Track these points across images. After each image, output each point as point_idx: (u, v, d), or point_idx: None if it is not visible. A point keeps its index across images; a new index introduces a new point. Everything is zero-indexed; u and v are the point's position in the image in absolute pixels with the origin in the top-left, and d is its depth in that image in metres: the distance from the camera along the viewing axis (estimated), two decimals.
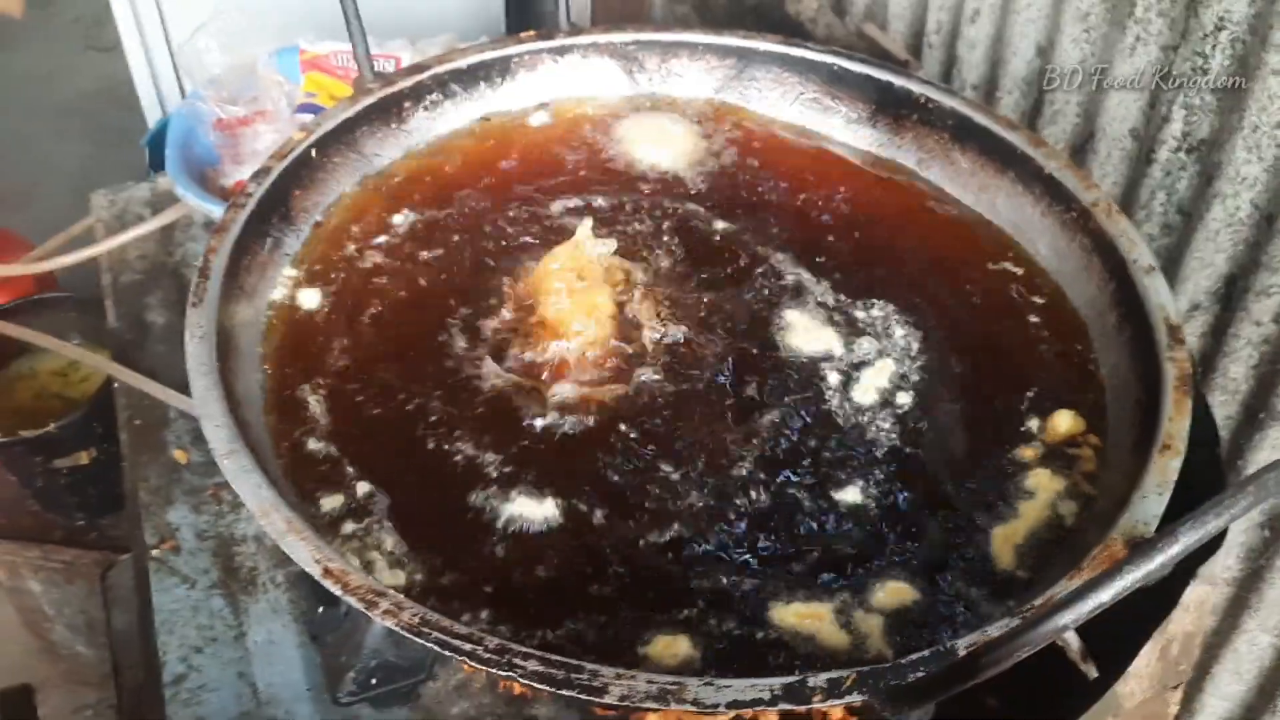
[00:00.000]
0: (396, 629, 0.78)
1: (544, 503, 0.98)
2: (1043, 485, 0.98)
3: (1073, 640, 0.88)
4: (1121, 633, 0.94)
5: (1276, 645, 1.50)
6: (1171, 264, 1.44)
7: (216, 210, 1.51)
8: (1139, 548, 0.62)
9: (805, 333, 1.15)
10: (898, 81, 1.31)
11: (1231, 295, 1.39)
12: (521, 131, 1.39)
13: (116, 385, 1.49)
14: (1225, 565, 1.49)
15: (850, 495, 1.01)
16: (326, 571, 0.82)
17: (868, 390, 1.10)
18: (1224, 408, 1.43)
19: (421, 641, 0.77)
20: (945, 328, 1.17)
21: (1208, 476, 1.04)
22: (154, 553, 1.29)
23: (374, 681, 1.13)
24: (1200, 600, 0.96)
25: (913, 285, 1.21)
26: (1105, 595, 0.62)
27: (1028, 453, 1.03)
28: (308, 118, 1.32)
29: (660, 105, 1.42)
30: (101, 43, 4.14)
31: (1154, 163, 1.42)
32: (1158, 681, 0.97)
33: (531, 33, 1.37)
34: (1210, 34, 1.30)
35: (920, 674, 0.74)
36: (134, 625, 1.33)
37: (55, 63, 4.22)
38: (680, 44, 1.38)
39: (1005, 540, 0.97)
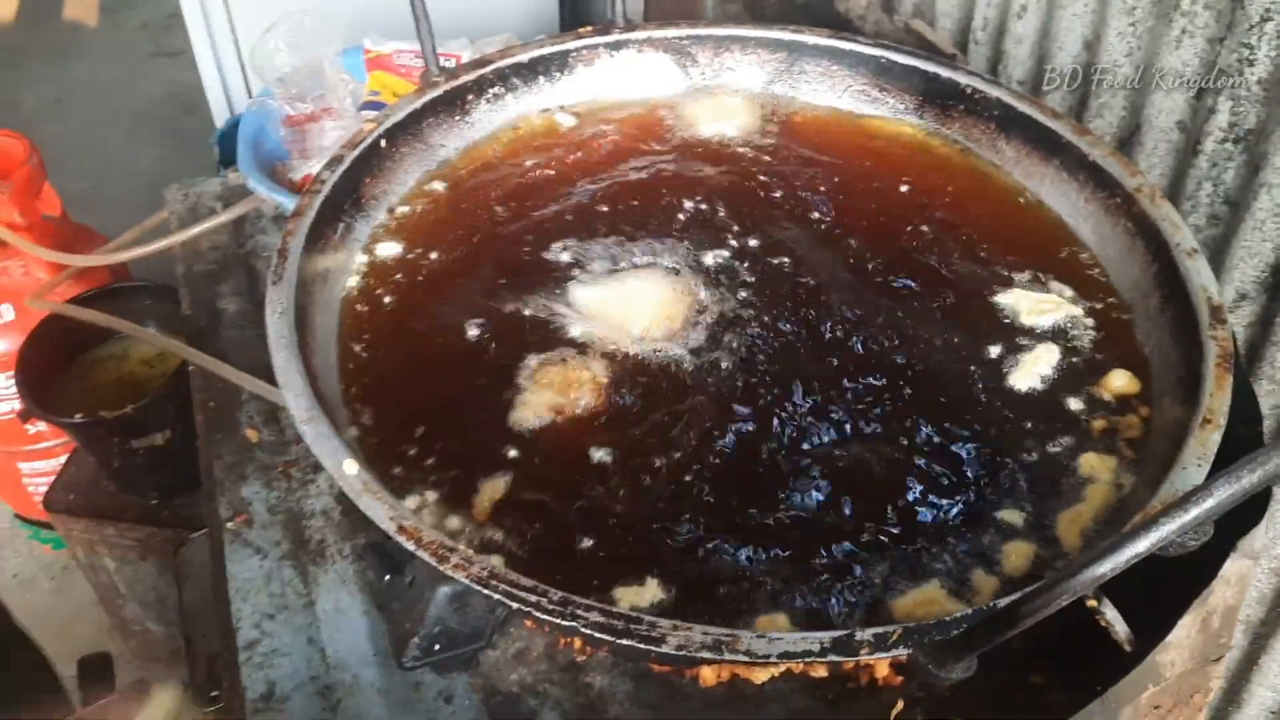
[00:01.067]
0: (466, 581, 0.83)
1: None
2: (1095, 467, 1.01)
3: (1113, 617, 0.91)
4: (1162, 603, 0.97)
5: None
6: (1218, 254, 1.45)
7: (287, 202, 1.58)
8: (1174, 503, 0.65)
9: None
10: (944, 73, 1.34)
11: (1278, 285, 1.40)
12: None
13: (191, 369, 1.55)
14: (1273, 554, 1.50)
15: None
16: (401, 529, 0.87)
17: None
18: (1271, 397, 1.43)
19: (488, 592, 0.82)
20: None
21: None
22: (229, 526, 1.35)
23: (436, 648, 1.17)
24: (1241, 574, 0.98)
25: None
26: (1140, 546, 0.65)
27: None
28: (372, 114, 1.38)
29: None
30: (168, 48, 4.28)
31: (1200, 154, 1.44)
32: (1198, 653, 0.99)
33: (589, 28, 1.42)
34: (1256, 25, 1.31)
35: (964, 627, 0.77)
36: (204, 600, 1.39)
37: (124, 69, 4.36)
38: (732, 38, 1.43)
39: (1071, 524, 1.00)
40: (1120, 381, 1.07)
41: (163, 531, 1.91)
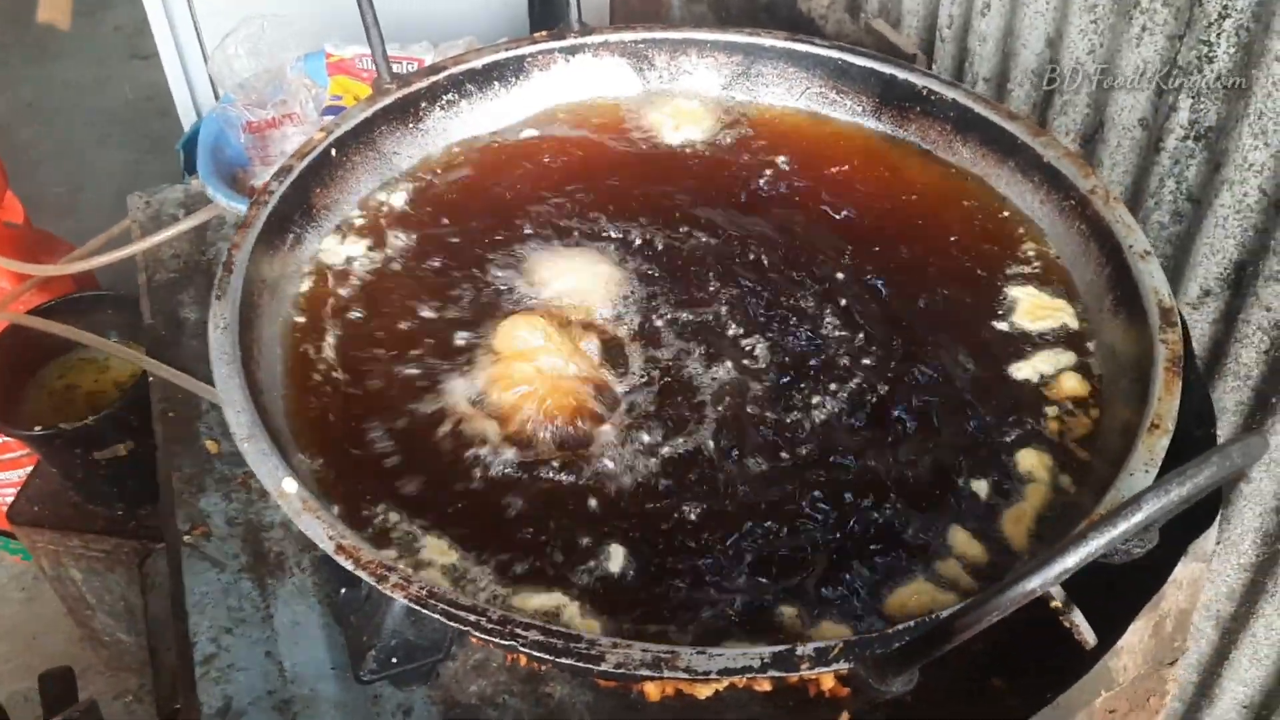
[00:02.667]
0: (405, 601, 0.82)
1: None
2: (1034, 465, 1.01)
3: (1079, 621, 0.90)
4: (1113, 609, 0.96)
5: None
6: (1182, 251, 1.44)
7: (246, 210, 1.56)
8: (1105, 517, 0.64)
9: None
10: (900, 74, 1.33)
11: (1242, 281, 1.39)
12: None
13: (151, 379, 1.54)
14: (1241, 550, 1.50)
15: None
16: (340, 548, 0.86)
17: None
18: (1235, 393, 1.43)
19: (427, 613, 0.81)
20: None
21: None
22: (186, 538, 1.34)
23: (394, 660, 1.16)
24: (1193, 577, 0.98)
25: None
26: (1070, 560, 0.64)
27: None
28: (329, 120, 1.37)
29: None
30: (143, 51, 4.25)
31: (1163, 151, 1.43)
32: (1152, 657, 0.99)
33: (544, 33, 1.41)
34: (1215, 22, 1.31)
35: (903, 641, 0.77)
36: (169, 610, 1.38)
37: (99, 71, 4.33)
38: (688, 41, 1.42)
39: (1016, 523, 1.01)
40: (1071, 384, 1.07)
41: (128, 542, 1.89)
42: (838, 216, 1.31)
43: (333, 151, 1.25)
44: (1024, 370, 1.12)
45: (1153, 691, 1.02)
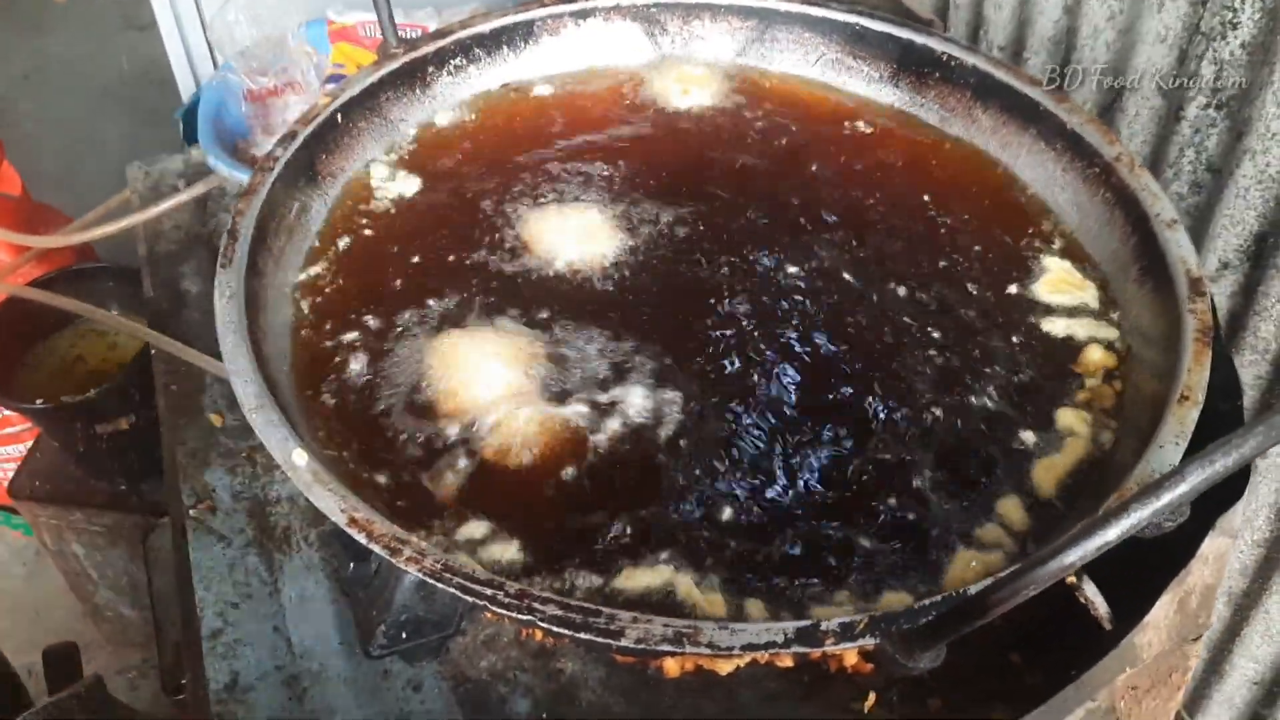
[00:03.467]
0: (419, 575, 0.80)
1: None
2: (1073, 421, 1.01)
3: (1093, 595, 0.89)
4: (1139, 584, 0.94)
5: None
6: (1201, 222, 1.42)
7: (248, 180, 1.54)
8: (1146, 488, 0.62)
9: None
10: (919, 40, 1.31)
11: (1262, 253, 1.37)
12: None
13: (154, 352, 1.52)
14: (1255, 526, 1.48)
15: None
16: (352, 520, 0.84)
17: None
18: (1254, 366, 1.41)
19: (443, 586, 0.79)
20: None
21: (1232, 431, 1.04)
22: (191, 513, 1.32)
23: (404, 635, 1.15)
24: (1220, 552, 0.96)
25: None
26: (1111, 534, 0.62)
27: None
28: (332, 87, 1.34)
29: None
30: (139, 21, 4.19)
31: (1183, 120, 1.41)
32: (1176, 633, 0.97)
33: None
34: None
35: (931, 616, 0.75)
36: (173, 585, 1.37)
37: (95, 43, 4.28)
38: (702, 5, 1.39)
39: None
40: (1096, 356, 1.05)
41: (131, 517, 1.88)
42: (848, 183, 1.28)
43: (338, 117, 1.22)
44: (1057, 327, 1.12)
45: (1175, 667, 1.01)
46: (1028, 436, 1.02)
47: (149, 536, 1.69)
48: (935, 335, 1.12)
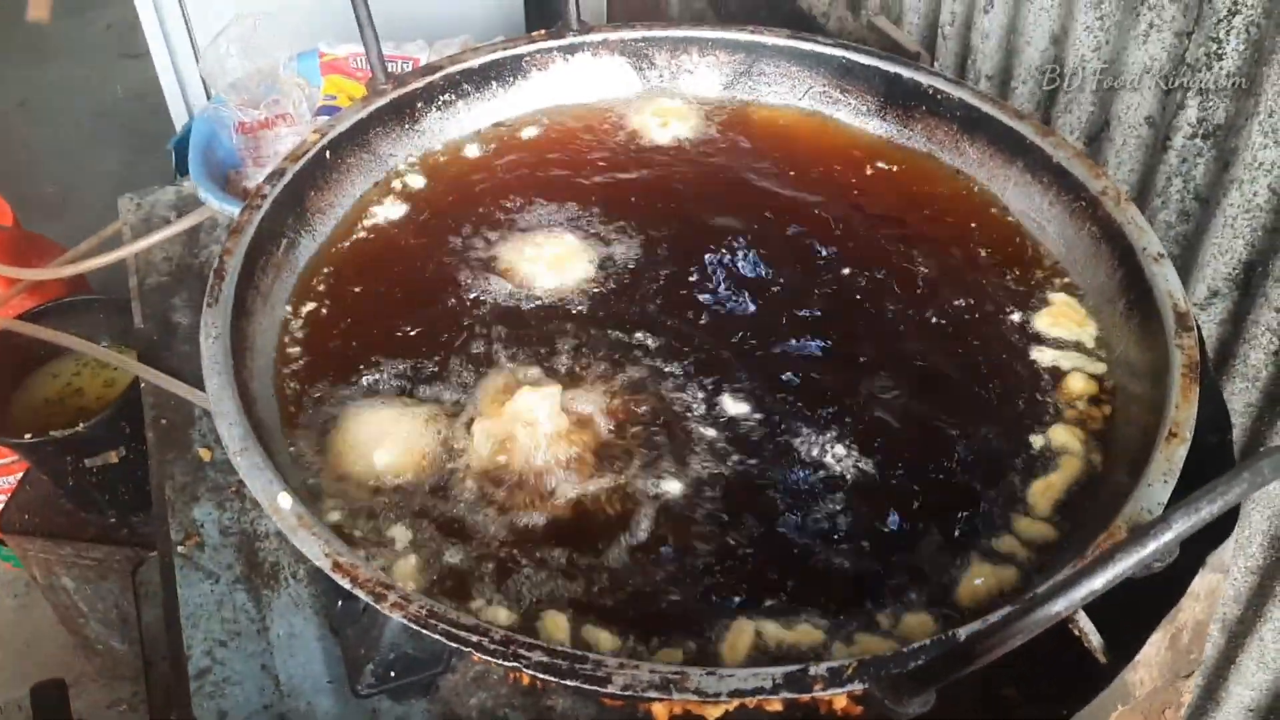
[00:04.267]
0: (404, 621, 0.80)
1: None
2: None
3: (1087, 627, 0.88)
4: (1131, 621, 0.94)
5: None
6: (1189, 251, 1.42)
7: (238, 212, 1.54)
8: (1133, 534, 0.62)
9: None
10: (905, 73, 1.31)
11: (1250, 281, 1.37)
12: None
13: (143, 385, 1.52)
14: (1249, 554, 1.48)
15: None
16: (336, 565, 0.84)
17: None
18: (1244, 395, 1.41)
19: (428, 633, 0.79)
20: None
21: (1220, 464, 1.04)
22: (179, 548, 1.32)
23: (393, 674, 1.14)
24: (1211, 588, 0.96)
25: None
26: (1098, 582, 0.62)
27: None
28: (323, 120, 1.34)
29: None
30: (134, 50, 4.21)
31: (1170, 150, 1.41)
32: (1169, 670, 0.97)
33: (542, 32, 1.39)
34: (1224, 19, 1.29)
35: (920, 661, 0.74)
36: (162, 620, 1.36)
37: (90, 71, 4.29)
38: (690, 39, 1.39)
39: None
40: (1079, 385, 1.05)
41: (121, 550, 1.87)
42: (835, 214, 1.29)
43: (327, 154, 1.22)
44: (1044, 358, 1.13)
45: (1168, 704, 1.00)
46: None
47: (139, 570, 1.68)
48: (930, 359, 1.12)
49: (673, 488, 1.01)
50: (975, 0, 1.67)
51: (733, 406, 1.07)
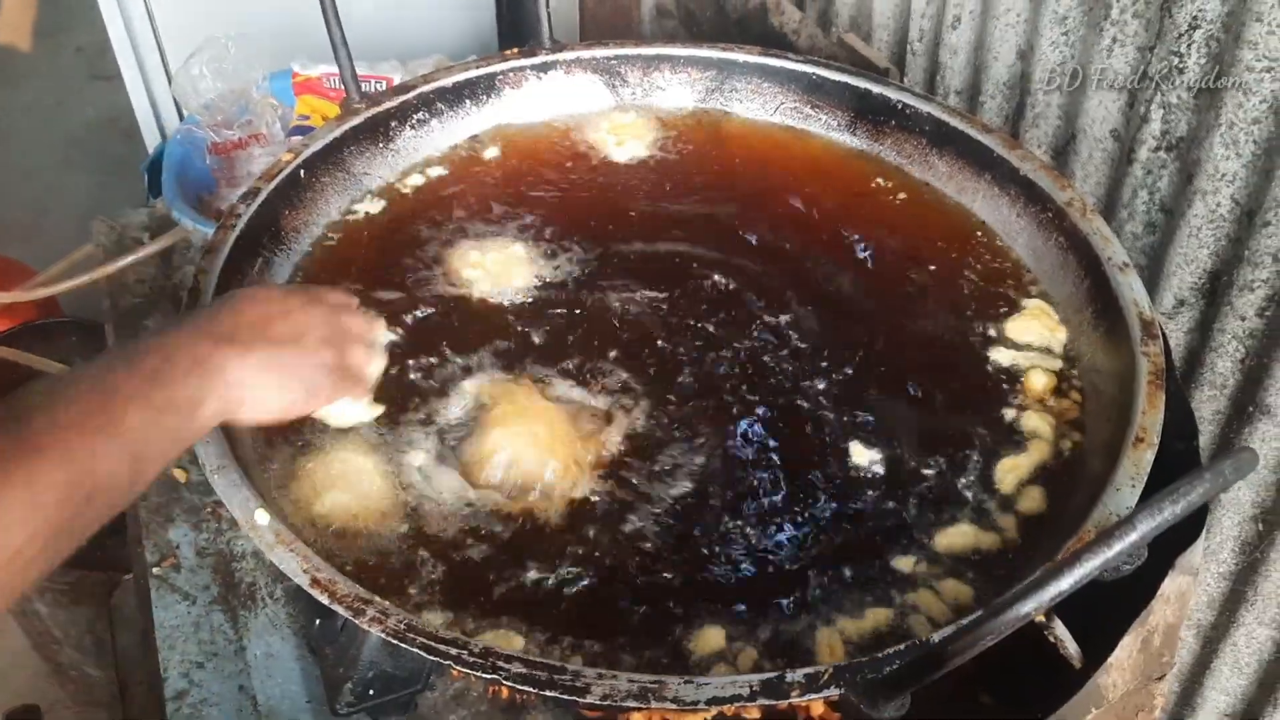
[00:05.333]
0: (383, 635, 0.80)
1: None
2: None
3: (1063, 634, 0.89)
4: (1101, 625, 0.95)
5: (1275, 638, 1.50)
6: (1156, 261, 1.44)
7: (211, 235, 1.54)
8: (1099, 536, 0.63)
9: None
10: (875, 89, 1.33)
11: (1216, 290, 1.39)
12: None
13: None
14: (1220, 559, 1.50)
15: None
16: (315, 581, 0.84)
17: None
18: (1212, 403, 1.43)
19: (406, 647, 0.79)
20: None
21: (1188, 470, 1.05)
22: (155, 570, 1.31)
23: (371, 692, 1.14)
24: (1181, 591, 0.97)
25: None
26: (1065, 583, 0.63)
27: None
28: (298, 140, 1.35)
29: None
30: (105, 72, 4.19)
31: (1135, 162, 1.44)
32: (1141, 673, 0.98)
33: (515, 50, 1.40)
34: (1185, 33, 1.31)
35: (895, 665, 0.75)
36: (138, 644, 1.35)
37: (61, 94, 4.27)
38: (661, 57, 1.41)
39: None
40: (1040, 382, 1.07)
41: (95, 574, 1.84)
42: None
43: (301, 173, 1.23)
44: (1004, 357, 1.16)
45: (1141, 707, 1.02)
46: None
47: (114, 594, 1.66)
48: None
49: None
50: (943, 17, 1.70)
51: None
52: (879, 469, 1.05)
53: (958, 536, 0.98)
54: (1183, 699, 1.67)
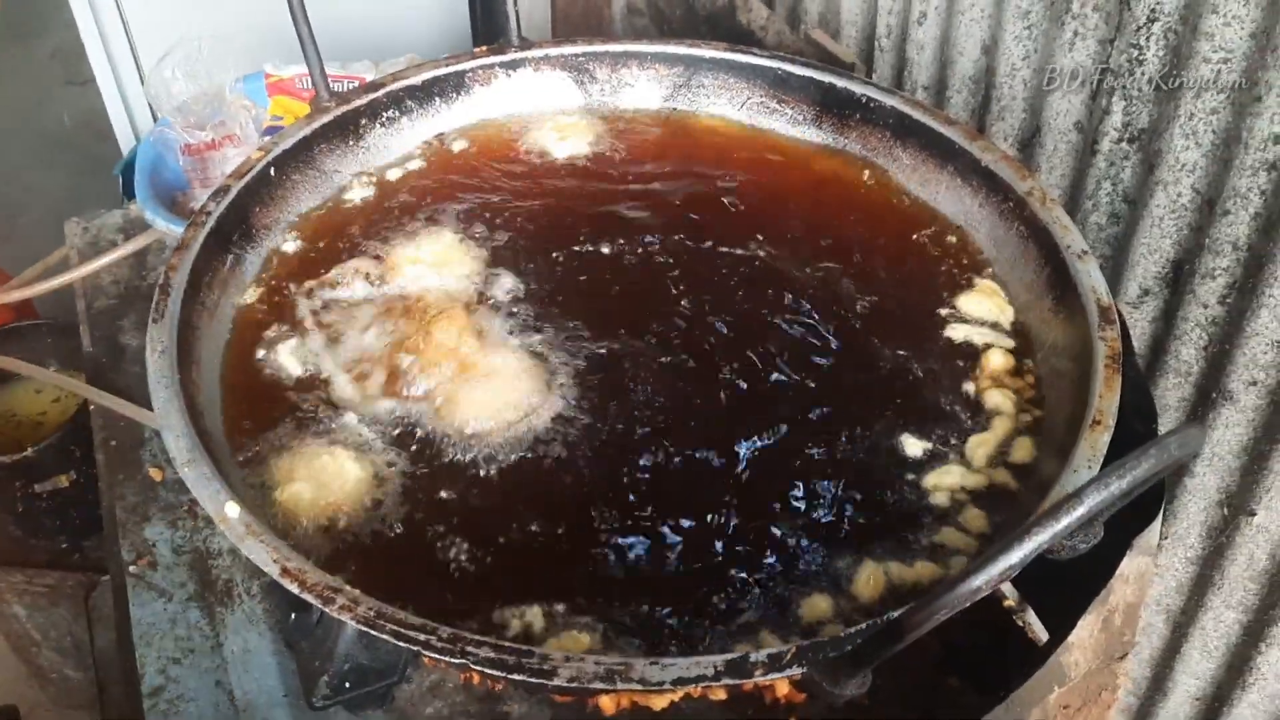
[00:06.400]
0: (353, 623, 0.81)
1: None
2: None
3: (1031, 619, 0.91)
4: (1062, 604, 0.97)
5: (1241, 621, 1.52)
6: (1120, 251, 1.47)
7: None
8: (1046, 512, 0.65)
9: None
10: (840, 83, 1.35)
11: (1179, 279, 1.42)
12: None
13: (93, 408, 1.51)
14: (1188, 544, 1.52)
15: None
16: (285, 571, 0.85)
17: None
18: (1177, 390, 1.46)
19: (376, 634, 0.80)
20: None
21: None
22: (131, 569, 1.31)
23: (348, 685, 1.15)
24: (1140, 571, 0.99)
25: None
26: (1014, 557, 0.64)
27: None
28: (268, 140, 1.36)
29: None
30: (79, 76, 4.17)
31: (1098, 154, 1.46)
32: (1103, 652, 1.00)
33: (484, 48, 1.41)
34: (1144, 26, 1.34)
35: (856, 643, 0.77)
36: (116, 644, 1.35)
37: (35, 98, 4.25)
38: (629, 54, 1.42)
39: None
40: (998, 361, 1.10)
41: (73, 576, 1.85)
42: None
43: (271, 171, 1.24)
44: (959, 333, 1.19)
45: (1104, 686, 1.03)
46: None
47: (92, 595, 1.67)
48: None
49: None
50: (909, 13, 1.72)
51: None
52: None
53: None
54: (1154, 684, 1.69)
